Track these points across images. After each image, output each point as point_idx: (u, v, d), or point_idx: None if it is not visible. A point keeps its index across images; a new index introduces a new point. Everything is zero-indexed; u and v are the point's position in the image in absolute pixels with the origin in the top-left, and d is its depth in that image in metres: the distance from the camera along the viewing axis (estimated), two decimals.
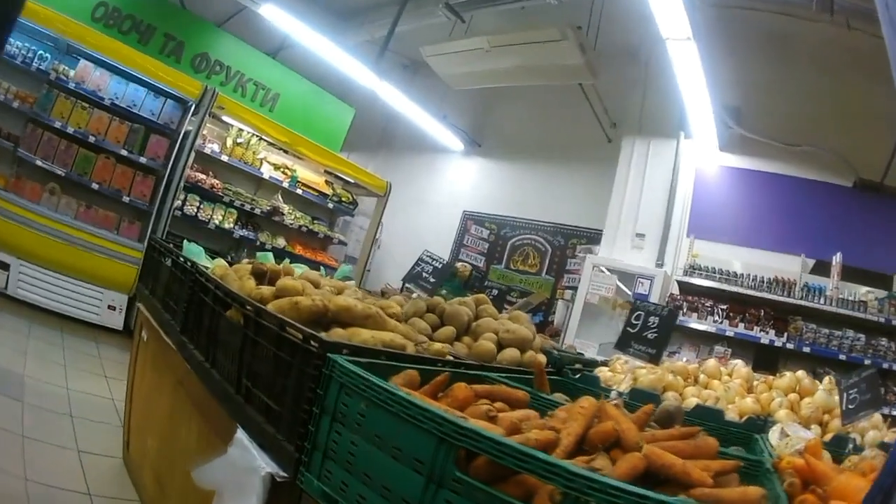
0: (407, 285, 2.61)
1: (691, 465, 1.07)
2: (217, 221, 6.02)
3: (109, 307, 5.24)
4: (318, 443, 1.25)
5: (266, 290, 1.87)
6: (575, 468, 0.87)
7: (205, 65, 6.41)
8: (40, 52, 5.11)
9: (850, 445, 1.76)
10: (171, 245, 2.90)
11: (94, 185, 5.28)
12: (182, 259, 2.42)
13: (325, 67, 7.38)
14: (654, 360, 2.25)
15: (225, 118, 5.91)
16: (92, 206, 5.32)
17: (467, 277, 6.75)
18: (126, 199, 5.43)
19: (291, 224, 6.51)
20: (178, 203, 5.57)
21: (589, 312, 6.16)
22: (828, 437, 1.93)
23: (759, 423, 1.87)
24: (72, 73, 5.13)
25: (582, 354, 3.37)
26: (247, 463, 1.42)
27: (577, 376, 2.26)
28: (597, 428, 1.15)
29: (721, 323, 5.51)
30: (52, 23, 4.82)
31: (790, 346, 5.14)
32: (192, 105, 5.63)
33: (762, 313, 5.48)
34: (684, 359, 5.93)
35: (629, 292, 6.07)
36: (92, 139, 5.22)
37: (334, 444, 1.22)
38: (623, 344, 2.30)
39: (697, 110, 5.70)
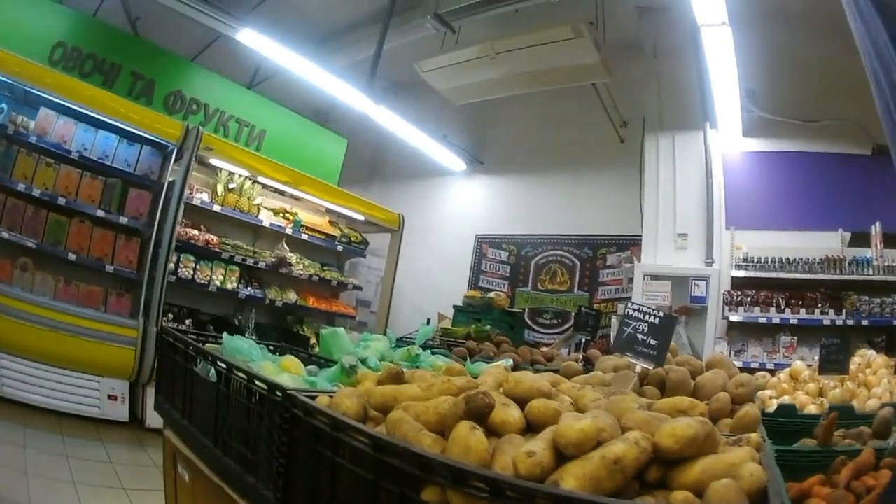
0: (626, 356, 1.94)
1: None
2: (218, 282, 5.14)
3: (110, 397, 4.35)
4: None
5: (544, 452, 1.02)
6: None
7: (179, 104, 5.53)
8: None
9: None
10: (195, 339, 1.94)
11: (71, 256, 4.37)
12: (244, 376, 1.49)
13: (305, 98, 6.70)
14: None
15: (213, 161, 5.07)
16: (71, 280, 4.41)
17: (505, 305, 6.11)
18: (109, 268, 4.56)
19: (301, 274, 5.66)
20: (170, 266, 4.69)
21: None
22: None
23: None
24: (32, 124, 4.21)
25: None
26: None
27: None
28: None
29: (783, 312, 5.32)
30: (5, 65, 3.91)
31: (850, 322, 5.05)
32: (172, 150, 4.82)
33: (818, 296, 5.30)
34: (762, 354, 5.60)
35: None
36: (62, 201, 4.32)
37: None
38: None
39: (724, 97, 5.39)
